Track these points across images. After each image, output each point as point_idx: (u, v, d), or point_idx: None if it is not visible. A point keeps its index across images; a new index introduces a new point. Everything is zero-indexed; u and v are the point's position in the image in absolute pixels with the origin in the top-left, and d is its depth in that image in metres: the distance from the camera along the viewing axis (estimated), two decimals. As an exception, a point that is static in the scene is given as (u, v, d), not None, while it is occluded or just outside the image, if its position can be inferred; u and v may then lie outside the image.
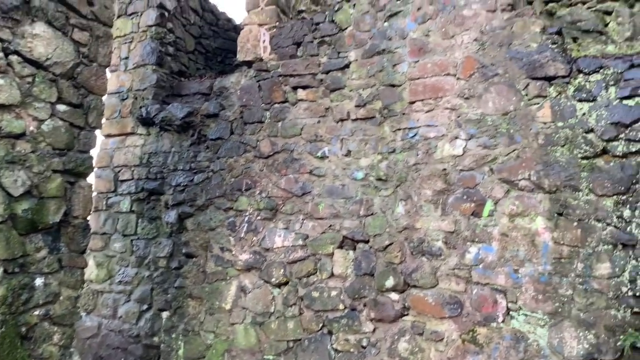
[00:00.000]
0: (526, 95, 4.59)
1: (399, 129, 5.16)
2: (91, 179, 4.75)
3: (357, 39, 5.56)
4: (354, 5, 5.65)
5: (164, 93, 6.73)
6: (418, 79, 5.13)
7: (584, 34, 5.69)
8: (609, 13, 5.64)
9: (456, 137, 4.84)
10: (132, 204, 6.54)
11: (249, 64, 6.23)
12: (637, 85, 4.11)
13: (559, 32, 4.73)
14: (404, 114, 5.16)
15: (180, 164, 6.34)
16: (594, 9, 5.70)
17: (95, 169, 6.44)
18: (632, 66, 4.20)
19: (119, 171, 6.73)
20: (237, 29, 8.32)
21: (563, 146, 4.35)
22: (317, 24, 5.83)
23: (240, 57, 6.26)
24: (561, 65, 4.48)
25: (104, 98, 4.56)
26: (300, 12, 6.42)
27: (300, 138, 5.71)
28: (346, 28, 5.65)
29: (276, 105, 5.93)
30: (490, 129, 4.69)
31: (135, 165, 6.62)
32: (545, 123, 4.46)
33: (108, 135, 6.90)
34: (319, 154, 5.56)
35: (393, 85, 5.26)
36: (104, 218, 6.67)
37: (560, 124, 4.39)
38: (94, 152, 4.95)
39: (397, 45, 5.30)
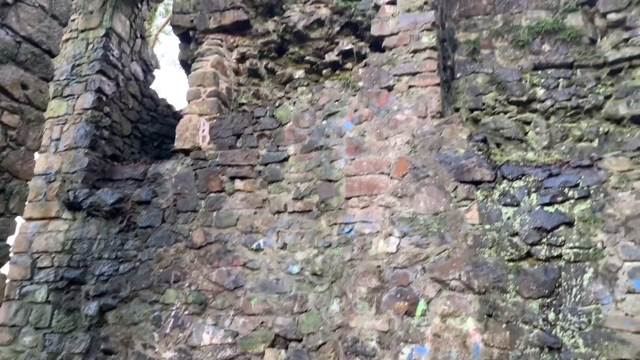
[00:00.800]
0: (455, 197, 4.80)
1: (336, 224, 5.21)
2: (5, 267, 4.40)
3: (297, 134, 5.70)
4: (295, 102, 5.87)
5: (95, 177, 6.51)
6: (354, 175, 5.28)
7: (507, 140, 6.16)
8: (528, 123, 6.17)
9: (390, 234, 4.93)
10: (49, 293, 6.05)
11: (186, 152, 6.19)
12: (556, 194, 4.41)
13: (484, 140, 5.05)
14: (340, 208, 5.23)
15: (106, 252, 6.02)
16: (514, 118, 6.22)
17: (10, 255, 5.98)
18: (550, 175, 4.52)
19: (37, 257, 6.27)
20: (176, 115, 8.33)
21: (491, 248, 4.52)
22: (258, 117, 5.96)
23: (178, 144, 6.23)
24: (487, 170, 4.75)
25: (29, 181, 4.33)
26: (242, 104, 6.55)
27: (235, 229, 5.61)
28: (286, 123, 5.80)
29: (212, 194, 5.85)
30: (422, 228, 4.82)
31: (57, 252, 6.20)
32: (473, 225, 4.64)
33: (29, 219, 6.49)
34: (253, 246, 5.46)
35: (330, 181, 5.37)
36: (15, 308, 6.11)
37: (487, 226, 4.59)
38: (11, 238, 4.62)
39: (335, 142, 5.47)
